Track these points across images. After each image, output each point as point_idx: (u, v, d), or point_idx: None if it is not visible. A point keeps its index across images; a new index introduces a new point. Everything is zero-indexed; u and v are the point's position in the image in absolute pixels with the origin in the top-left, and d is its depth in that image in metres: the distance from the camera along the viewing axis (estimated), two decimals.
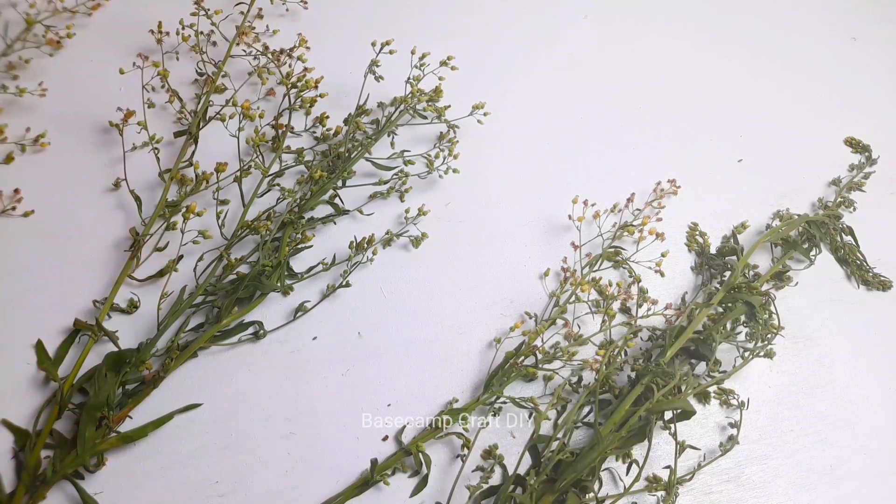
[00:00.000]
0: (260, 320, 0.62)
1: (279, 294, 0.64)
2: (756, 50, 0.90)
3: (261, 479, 0.58)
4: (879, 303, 0.75)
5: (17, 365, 0.58)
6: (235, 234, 0.64)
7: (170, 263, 0.63)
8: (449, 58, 0.70)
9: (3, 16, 0.72)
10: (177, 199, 0.65)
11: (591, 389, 0.61)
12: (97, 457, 0.55)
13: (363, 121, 0.70)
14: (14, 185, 0.65)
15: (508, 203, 0.73)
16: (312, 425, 0.60)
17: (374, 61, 0.69)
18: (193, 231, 0.63)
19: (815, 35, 0.93)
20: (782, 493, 0.64)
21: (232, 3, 0.74)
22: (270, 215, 0.65)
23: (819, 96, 0.89)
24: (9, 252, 0.63)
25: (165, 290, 0.61)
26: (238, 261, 0.63)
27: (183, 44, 0.72)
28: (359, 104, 0.71)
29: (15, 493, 0.53)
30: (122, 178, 0.66)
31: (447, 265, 0.68)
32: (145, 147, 0.67)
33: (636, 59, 0.86)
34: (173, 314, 0.60)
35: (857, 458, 0.66)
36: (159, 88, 0.69)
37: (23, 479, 0.54)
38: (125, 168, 0.66)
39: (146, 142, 0.67)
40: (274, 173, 0.67)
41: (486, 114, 0.72)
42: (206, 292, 0.62)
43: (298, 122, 0.71)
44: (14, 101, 0.68)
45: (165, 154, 0.68)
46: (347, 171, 0.67)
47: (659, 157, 0.79)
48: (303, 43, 0.71)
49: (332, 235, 0.68)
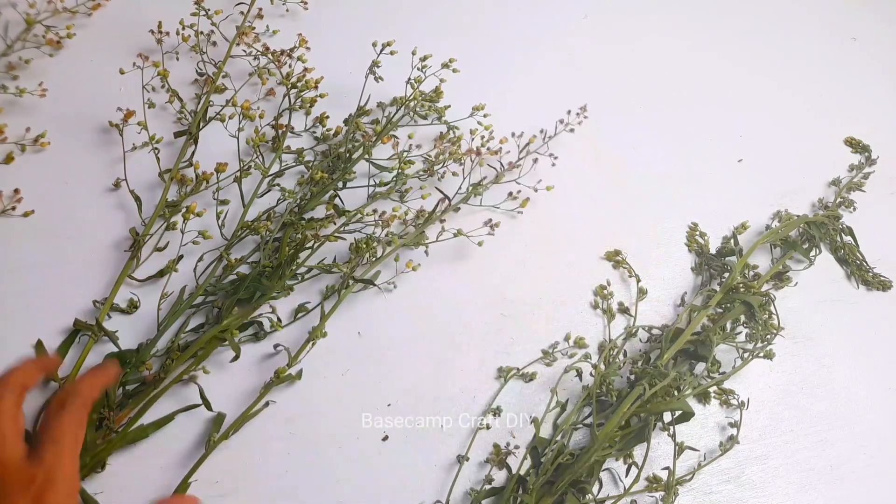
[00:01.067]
0: (261, 320, 0.62)
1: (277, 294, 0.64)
2: (756, 50, 0.90)
3: (261, 479, 0.58)
4: (879, 303, 0.75)
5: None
6: (235, 235, 0.64)
7: (170, 263, 0.63)
8: (451, 60, 0.70)
9: (3, 16, 0.72)
10: (177, 199, 0.65)
11: (590, 392, 0.61)
12: (100, 460, 0.55)
13: (363, 121, 0.70)
14: (14, 185, 0.65)
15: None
16: (312, 425, 0.60)
17: (375, 62, 0.69)
18: (193, 231, 0.63)
19: (815, 35, 0.93)
20: (782, 493, 0.64)
21: (232, 4, 0.74)
22: (270, 216, 0.65)
23: (819, 96, 0.89)
24: (8, 252, 0.63)
25: (165, 290, 0.61)
26: (238, 261, 0.63)
27: (183, 44, 0.72)
28: (360, 105, 0.71)
29: None
30: (122, 179, 0.66)
31: (447, 265, 0.68)
32: (145, 147, 0.67)
33: (636, 58, 0.86)
34: (173, 314, 0.60)
35: (857, 458, 0.66)
36: (159, 88, 0.69)
37: None
38: (125, 168, 0.66)
39: (146, 142, 0.67)
40: (274, 173, 0.67)
41: (487, 115, 0.72)
42: (206, 293, 0.62)
43: (298, 123, 0.71)
44: (14, 101, 0.68)
45: (165, 154, 0.68)
46: (348, 172, 0.67)
47: (659, 157, 0.79)
48: (303, 43, 0.71)
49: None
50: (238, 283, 0.62)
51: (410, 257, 0.67)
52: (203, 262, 0.63)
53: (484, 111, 0.71)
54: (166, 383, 0.58)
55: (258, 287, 0.62)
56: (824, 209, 0.79)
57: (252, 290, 0.62)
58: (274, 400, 0.60)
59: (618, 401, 0.61)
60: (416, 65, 0.70)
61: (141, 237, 0.63)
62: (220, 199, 0.66)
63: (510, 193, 0.72)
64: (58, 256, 0.63)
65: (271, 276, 0.62)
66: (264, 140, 0.67)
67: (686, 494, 0.62)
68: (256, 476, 0.58)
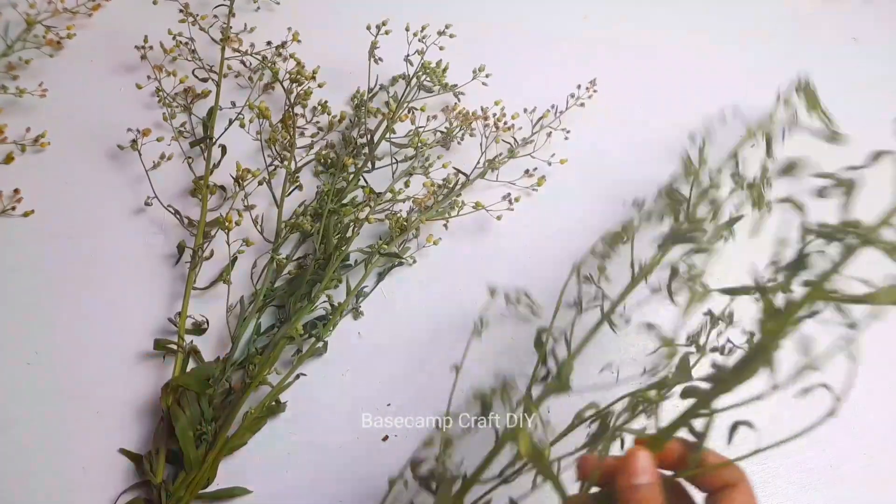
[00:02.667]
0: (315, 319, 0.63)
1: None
2: (756, 50, 0.90)
3: (261, 479, 0.58)
4: None
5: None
6: (279, 234, 0.64)
7: (226, 269, 0.63)
8: (447, 26, 0.70)
9: (3, 16, 0.72)
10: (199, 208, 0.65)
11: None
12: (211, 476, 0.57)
13: (371, 104, 0.71)
14: (14, 185, 0.65)
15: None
16: (312, 425, 0.60)
17: (374, 43, 0.68)
18: (238, 240, 0.64)
19: (815, 35, 0.93)
20: (782, 493, 0.64)
21: (209, 7, 0.73)
22: (306, 210, 0.66)
23: (818, 96, 0.88)
24: (7, 251, 0.63)
25: (228, 302, 0.62)
26: (288, 260, 0.64)
27: (177, 49, 0.71)
28: (370, 87, 0.71)
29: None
30: (153, 196, 0.65)
31: (447, 265, 0.68)
32: (163, 160, 0.68)
33: (636, 58, 0.86)
34: (244, 322, 0.61)
35: (857, 458, 0.66)
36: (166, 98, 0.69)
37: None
38: (151, 184, 0.66)
39: (163, 155, 0.67)
40: (297, 168, 0.68)
41: (489, 75, 0.71)
42: (266, 296, 0.62)
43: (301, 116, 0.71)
44: (14, 101, 0.68)
45: (175, 165, 0.68)
46: (373, 153, 0.68)
47: (660, 158, 0.79)
48: (295, 38, 0.71)
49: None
50: (294, 280, 0.63)
51: (429, 233, 0.68)
52: (248, 266, 0.64)
53: (486, 72, 0.71)
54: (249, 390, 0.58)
55: (317, 279, 0.62)
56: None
57: (312, 283, 0.62)
58: (304, 373, 0.61)
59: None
60: (418, 37, 0.69)
61: (196, 248, 0.63)
62: (247, 205, 0.66)
63: (527, 171, 0.72)
64: (57, 256, 0.63)
65: (324, 265, 0.62)
66: (285, 137, 0.66)
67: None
68: (256, 476, 0.58)
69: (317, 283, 0.62)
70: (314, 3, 0.80)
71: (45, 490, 0.56)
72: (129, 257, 0.65)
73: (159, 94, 0.67)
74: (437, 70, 0.69)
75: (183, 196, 0.68)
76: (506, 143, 0.72)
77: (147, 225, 0.66)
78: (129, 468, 0.57)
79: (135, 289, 0.63)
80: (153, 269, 0.64)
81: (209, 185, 0.65)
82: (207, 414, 0.57)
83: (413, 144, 0.68)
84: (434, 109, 0.72)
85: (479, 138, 0.70)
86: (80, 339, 0.61)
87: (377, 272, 0.66)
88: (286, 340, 0.60)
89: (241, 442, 0.57)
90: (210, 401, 0.57)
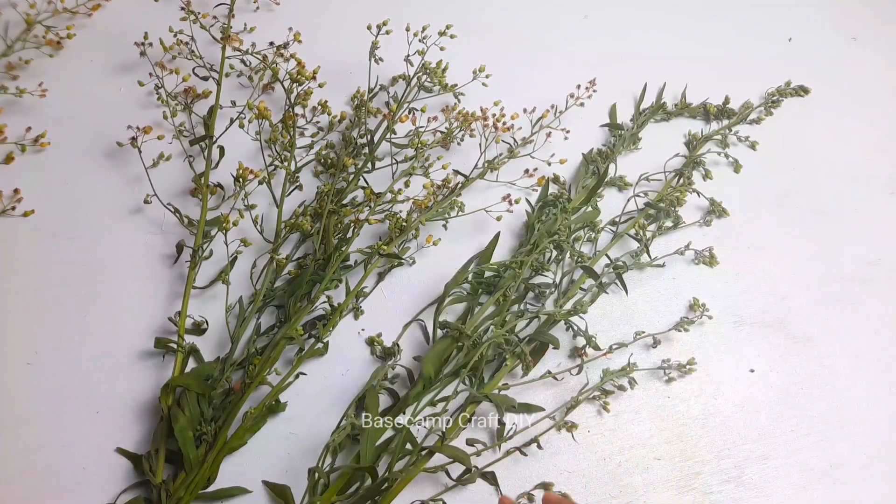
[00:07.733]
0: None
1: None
2: (756, 50, 0.90)
3: (261, 479, 0.58)
4: (879, 303, 0.75)
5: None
6: (279, 234, 0.64)
7: (225, 269, 0.63)
8: (448, 26, 0.70)
9: (3, 16, 0.72)
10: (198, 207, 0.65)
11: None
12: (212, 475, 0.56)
13: (370, 104, 0.71)
14: (14, 185, 0.65)
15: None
16: (312, 425, 0.60)
17: (374, 43, 0.68)
18: (235, 241, 0.63)
19: (815, 35, 0.93)
20: (782, 493, 0.64)
21: (210, 6, 0.73)
22: (306, 210, 0.66)
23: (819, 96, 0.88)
24: (7, 251, 0.63)
25: (227, 302, 0.62)
26: (287, 260, 0.63)
27: (175, 48, 0.70)
28: (370, 87, 0.71)
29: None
30: (152, 194, 0.65)
31: (447, 264, 0.68)
32: (161, 160, 0.68)
33: (635, 58, 0.86)
34: (242, 323, 0.61)
35: (857, 458, 0.66)
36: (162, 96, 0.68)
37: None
38: (151, 182, 0.66)
39: (162, 155, 0.67)
40: (297, 168, 0.67)
41: (489, 76, 0.71)
42: (266, 296, 0.62)
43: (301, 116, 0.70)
44: (14, 101, 0.68)
45: (175, 165, 0.68)
46: (372, 153, 0.68)
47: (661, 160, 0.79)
48: (297, 38, 0.71)
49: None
50: (293, 280, 0.63)
51: (428, 233, 0.68)
52: (247, 266, 0.64)
53: (486, 72, 0.71)
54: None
55: (317, 279, 0.62)
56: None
57: (311, 284, 0.62)
58: (304, 373, 0.61)
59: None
60: (419, 37, 0.69)
61: (196, 248, 0.62)
62: (248, 204, 0.65)
63: (526, 171, 0.72)
64: (56, 256, 0.63)
65: (324, 266, 0.62)
66: (285, 136, 0.66)
67: (686, 494, 0.62)
68: (256, 476, 0.58)
69: (317, 283, 0.62)
70: (314, 4, 0.80)
71: (45, 490, 0.56)
72: (129, 257, 0.65)
73: (158, 91, 0.67)
74: (437, 70, 0.69)
75: (183, 195, 0.68)
76: (505, 144, 0.72)
77: (147, 225, 0.66)
78: (128, 468, 0.57)
79: (134, 288, 0.63)
80: (153, 269, 0.64)
81: (209, 184, 0.65)
82: (207, 414, 0.57)
83: (413, 145, 0.68)
84: (434, 110, 0.72)
85: (479, 139, 0.70)
86: (80, 339, 0.61)
87: (377, 272, 0.66)
88: (286, 340, 0.60)
89: (241, 442, 0.57)
90: (210, 401, 0.57)
